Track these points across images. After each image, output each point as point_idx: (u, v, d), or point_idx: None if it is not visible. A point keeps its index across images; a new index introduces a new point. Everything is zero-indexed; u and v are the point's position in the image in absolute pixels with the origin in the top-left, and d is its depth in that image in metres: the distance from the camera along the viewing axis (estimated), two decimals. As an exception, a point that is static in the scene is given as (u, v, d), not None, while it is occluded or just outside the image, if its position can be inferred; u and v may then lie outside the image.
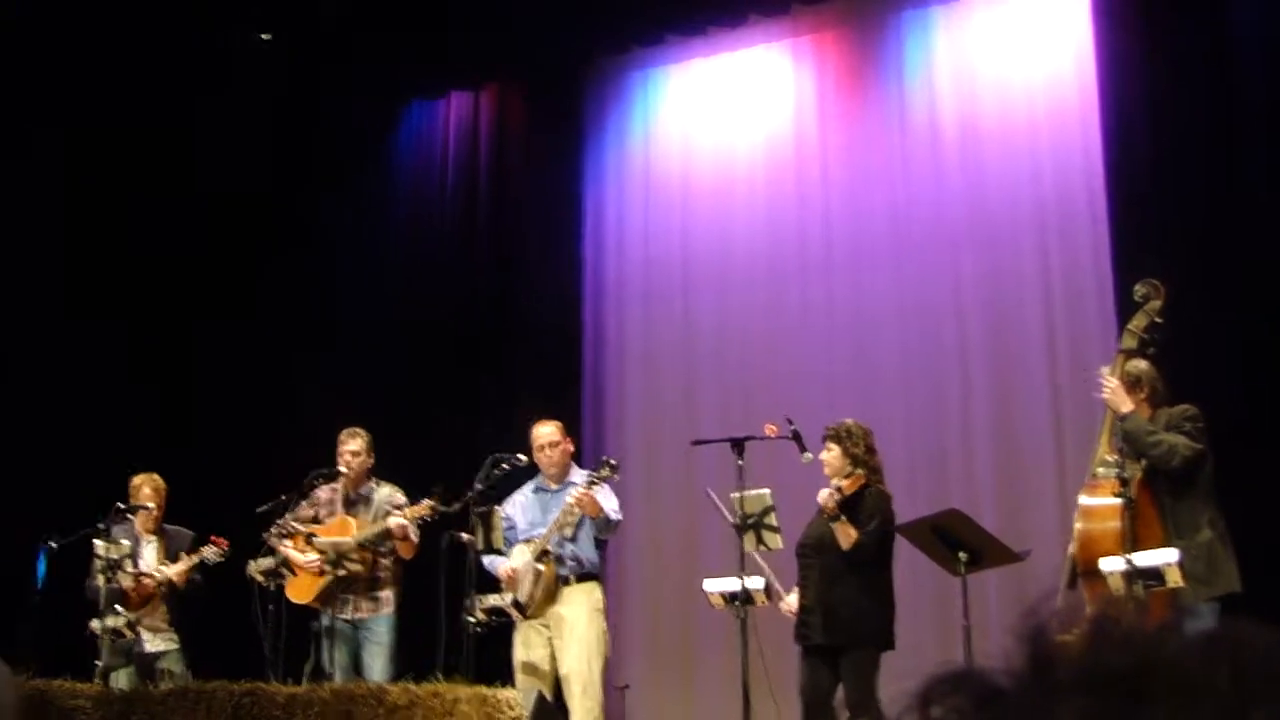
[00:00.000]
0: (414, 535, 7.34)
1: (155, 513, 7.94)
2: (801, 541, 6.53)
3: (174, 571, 7.72)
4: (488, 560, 7.07)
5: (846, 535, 6.24)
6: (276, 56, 10.37)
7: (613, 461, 6.97)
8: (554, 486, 7.18)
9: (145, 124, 10.15)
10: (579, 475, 7.14)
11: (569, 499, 6.88)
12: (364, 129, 10.62)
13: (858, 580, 6.28)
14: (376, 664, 7.39)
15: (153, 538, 7.97)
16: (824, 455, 6.49)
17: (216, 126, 10.23)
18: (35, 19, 9.60)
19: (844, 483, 6.35)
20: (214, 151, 10.23)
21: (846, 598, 6.26)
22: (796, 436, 6.49)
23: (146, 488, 7.93)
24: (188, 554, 7.78)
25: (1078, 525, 5.42)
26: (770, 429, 6.55)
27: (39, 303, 9.83)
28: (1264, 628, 0.84)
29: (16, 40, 9.58)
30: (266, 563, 7.33)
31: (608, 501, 6.96)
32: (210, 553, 7.71)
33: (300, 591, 7.43)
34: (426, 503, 7.20)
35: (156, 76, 10.08)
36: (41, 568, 7.64)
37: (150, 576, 7.75)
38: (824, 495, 6.32)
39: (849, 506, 6.30)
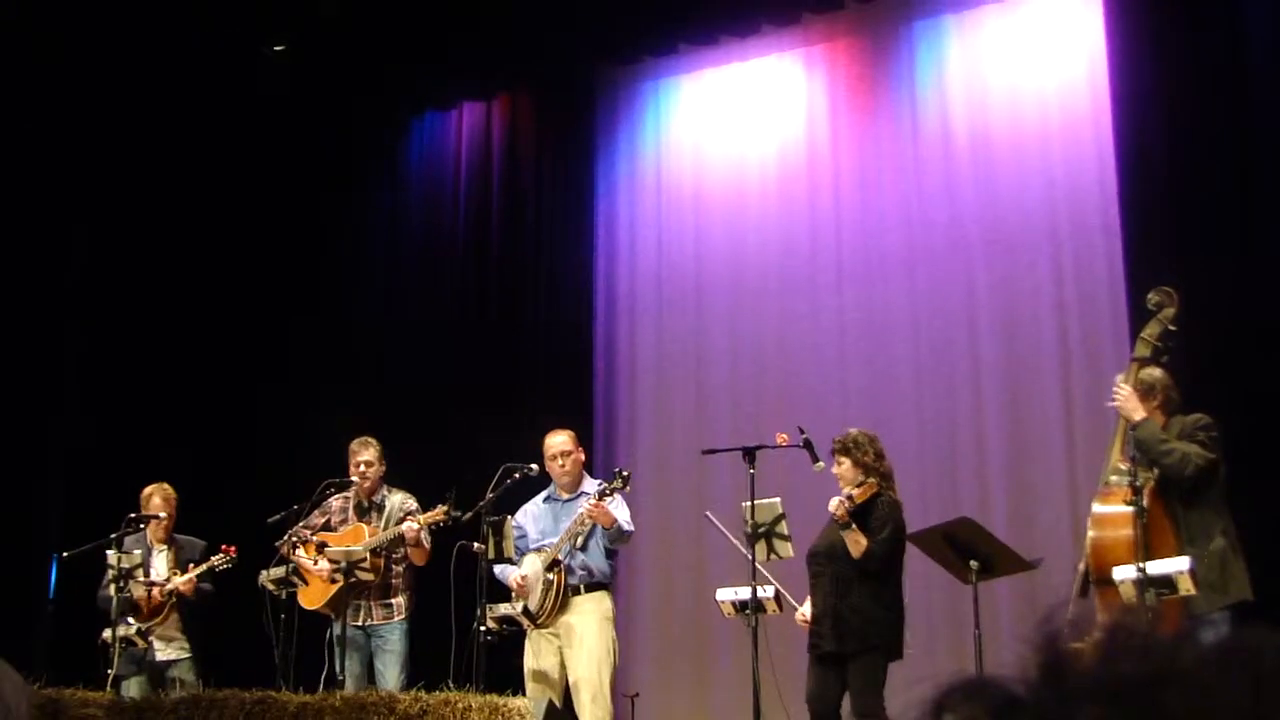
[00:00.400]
0: (426, 542, 7.34)
1: (166, 522, 7.94)
2: (812, 549, 6.51)
3: (180, 582, 7.72)
4: (498, 569, 7.06)
5: (856, 543, 6.22)
6: (287, 67, 10.38)
7: (625, 473, 6.95)
8: (565, 496, 7.18)
9: (151, 131, 10.19)
10: (591, 485, 7.14)
11: (581, 511, 6.89)
12: (376, 139, 10.63)
13: (868, 588, 6.26)
14: (390, 671, 7.40)
15: (164, 547, 7.97)
16: (835, 470, 6.48)
17: (225, 134, 10.26)
18: (39, 21, 9.63)
19: (855, 491, 6.34)
20: (223, 158, 10.26)
21: (857, 606, 6.24)
22: (808, 445, 6.47)
23: (157, 497, 7.92)
24: (198, 564, 7.78)
25: (1090, 533, 5.40)
26: (782, 438, 6.54)
27: (44, 310, 9.86)
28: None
29: (17, 43, 9.61)
30: (278, 571, 7.33)
31: (620, 512, 6.96)
32: (218, 560, 7.72)
33: (311, 599, 7.44)
34: (440, 509, 7.21)
35: (164, 85, 10.11)
36: (53, 578, 7.65)
37: (160, 586, 7.75)
38: (834, 503, 6.30)
39: (860, 514, 6.29)
